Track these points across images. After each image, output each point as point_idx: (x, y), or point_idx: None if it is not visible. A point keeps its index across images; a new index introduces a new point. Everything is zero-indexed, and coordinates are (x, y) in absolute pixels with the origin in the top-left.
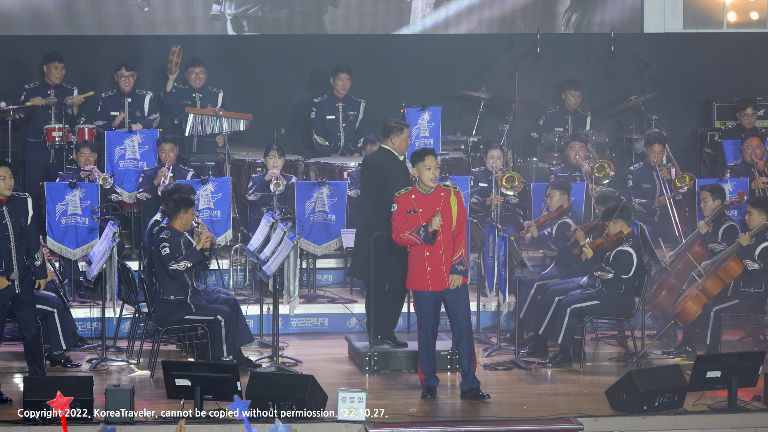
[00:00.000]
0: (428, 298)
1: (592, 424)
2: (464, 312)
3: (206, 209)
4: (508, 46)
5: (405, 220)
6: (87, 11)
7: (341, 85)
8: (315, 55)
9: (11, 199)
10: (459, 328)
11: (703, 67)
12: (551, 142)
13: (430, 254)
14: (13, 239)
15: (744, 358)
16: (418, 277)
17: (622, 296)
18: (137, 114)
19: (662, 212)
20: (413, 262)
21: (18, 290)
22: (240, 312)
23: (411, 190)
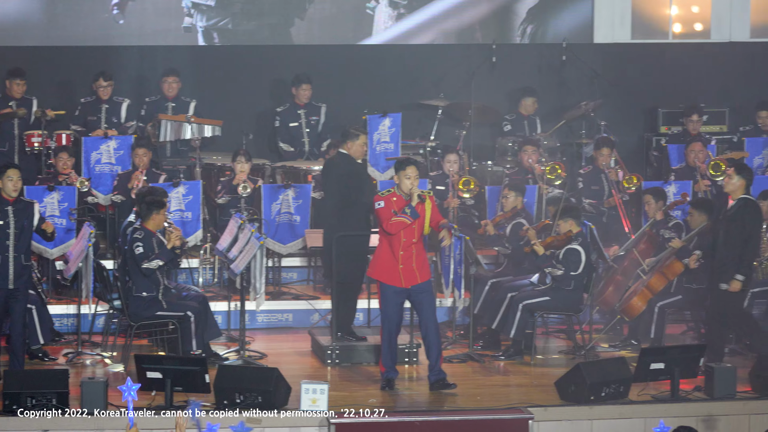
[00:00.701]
0: (396, 293)
1: (542, 413)
2: (430, 307)
3: (177, 211)
4: (465, 56)
5: (391, 212)
6: (64, 23)
7: (303, 95)
8: (282, 65)
9: (18, 201)
10: (426, 322)
11: (650, 76)
12: (505, 146)
13: (404, 253)
14: (12, 238)
15: (686, 351)
16: (388, 271)
17: (571, 292)
18: (113, 120)
19: (610, 213)
20: (384, 257)
21: (12, 286)
22: (209, 308)
23: (392, 193)
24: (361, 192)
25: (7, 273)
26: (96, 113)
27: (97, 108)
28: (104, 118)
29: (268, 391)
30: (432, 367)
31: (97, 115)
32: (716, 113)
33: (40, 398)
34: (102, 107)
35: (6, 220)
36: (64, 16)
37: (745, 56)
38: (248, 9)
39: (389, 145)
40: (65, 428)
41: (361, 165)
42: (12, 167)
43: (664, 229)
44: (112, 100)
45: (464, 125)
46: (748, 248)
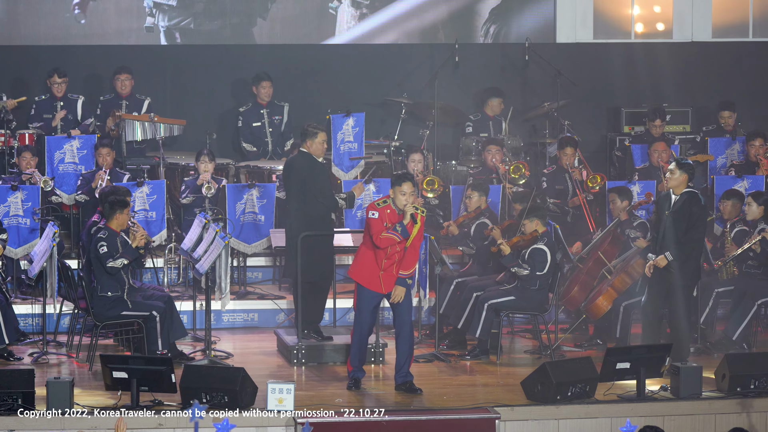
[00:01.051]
0: (373, 297)
1: (509, 413)
2: (407, 310)
3: (142, 210)
4: (428, 56)
5: (383, 226)
6: (26, 21)
7: (264, 93)
8: (245, 64)
9: None
10: (401, 324)
11: (613, 75)
12: (469, 146)
13: (387, 261)
14: None
15: (651, 351)
16: (369, 276)
17: (536, 292)
18: (69, 117)
19: (575, 212)
20: (366, 261)
21: None
22: (174, 308)
23: (388, 205)
24: (322, 191)
25: None
26: (51, 111)
27: (52, 105)
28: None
29: (234, 390)
30: (400, 368)
31: (52, 113)
32: (679, 113)
33: (6, 398)
34: (57, 105)
35: None
36: (26, 15)
37: (707, 56)
38: (210, 9)
39: (353, 144)
40: (31, 428)
41: (322, 164)
42: None
43: (629, 229)
44: (66, 98)
45: (428, 125)
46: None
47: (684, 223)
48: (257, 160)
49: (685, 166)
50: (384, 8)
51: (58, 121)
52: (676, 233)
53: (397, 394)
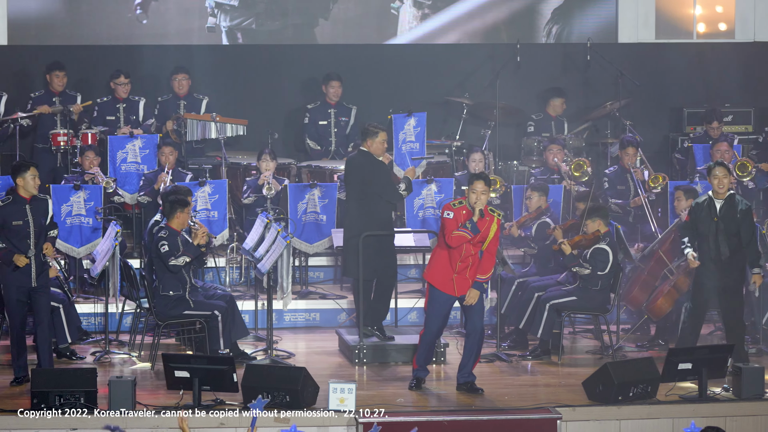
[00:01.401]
0: (446, 300)
1: (570, 413)
2: (479, 314)
3: (204, 210)
4: (490, 56)
5: (457, 225)
6: (88, 21)
7: (333, 92)
8: (306, 64)
9: (34, 198)
10: (473, 328)
11: (674, 76)
12: (531, 146)
13: (462, 264)
14: (33, 237)
15: (714, 351)
16: (442, 278)
17: (598, 292)
18: (132, 118)
19: (636, 213)
20: (441, 262)
21: (35, 284)
22: (236, 307)
23: (464, 206)
24: (384, 186)
25: (29, 271)
26: (114, 113)
27: (115, 107)
28: (123, 117)
29: (295, 390)
30: (463, 368)
31: (115, 115)
32: (741, 113)
33: (68, 397)
34: (119, 106)
35: (25, 219)
36: (88, 15)
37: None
38: (272, 9)
39: (414, 144)
40: (93, 427)
41: (382, 162)
42: (34, 165)
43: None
44: (129, 99)
45: (489, 125)
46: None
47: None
48: (319, 160)
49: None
50: (446, 8)
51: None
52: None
53: (459, 394)
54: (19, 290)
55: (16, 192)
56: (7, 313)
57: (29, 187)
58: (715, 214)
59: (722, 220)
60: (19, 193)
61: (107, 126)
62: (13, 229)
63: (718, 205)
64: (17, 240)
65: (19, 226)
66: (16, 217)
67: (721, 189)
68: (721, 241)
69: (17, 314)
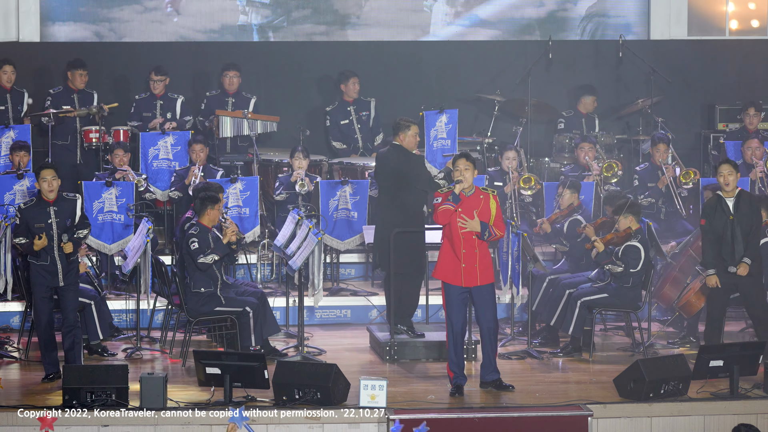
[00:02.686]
0: (458, 293)
1: (601, 410)
2: (491, 306)
3: (235, 207)
4: (521, 53)
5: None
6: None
7: (351, 89)
8: (339, 62)
9: (59, 199)
10: (486, 323)
11: (707, 72)
12: (562, 143)
13: (466, 251)
14: (56, 238)
15: (745, 348)
16: (451, 271)
17: (629, 289)
18: (168, 116)
19: (668, 210)
20: (446, 256)
21: (62, 283)
22: (267, 304)
23: (451, 190)
24: (419, 177)
25: (56, 271)
26: (151, 109)
27: (152, 104)
28: (159, 114)
29: (326, 387)
30: (486, 366)
31: (152, 111)
32: None
33: (100, 393)
34: (157, 103)
35: (48, 221)
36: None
37: None
38: (303, 6)
39: (446, 141)
40: (124, 424)
41: (417, 156)
42: (46, 168)
43: None
44: (166, 96)
45: (521, 122)
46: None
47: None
48: (349, 157)
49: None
50: (478, 6)
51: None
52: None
53: (489, 391)
54: (47, 289)
55: (41, 194)
56: (34, 310)
57: (44, 189)
58: (729, 213)
59: (736, 217)
60: (42, 196)
61: (142, 123)
62: (36, 231)
63: (730, 202)
64: None
65: (41, 228)
66: (38, 219)
67: (727, 187)
68: (736, 237)
69: (44, 312)
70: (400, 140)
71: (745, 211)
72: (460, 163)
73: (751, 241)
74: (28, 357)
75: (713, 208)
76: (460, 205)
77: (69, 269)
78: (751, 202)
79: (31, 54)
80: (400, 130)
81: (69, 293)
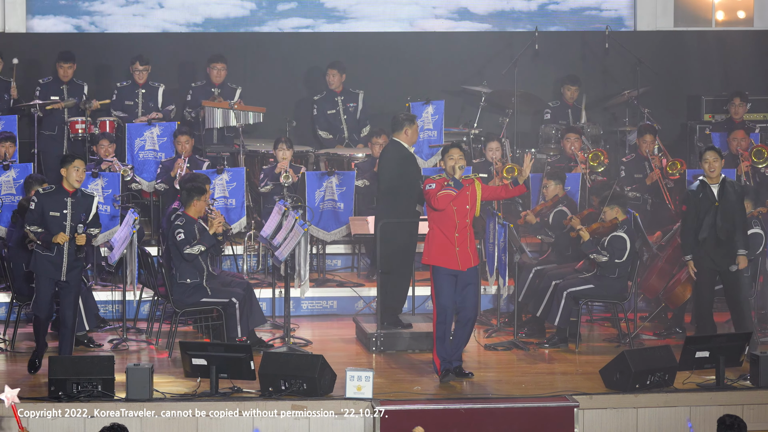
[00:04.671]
0: (451, 276)
1: (587, 401)
2: (476, 296)
3: (221, 198)
4: (508, 43)
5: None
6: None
7: (330, 80)
8: (325, 52)
9: (78, 192)
10: (467, 314)
11: (693, 63)
12: (548, 134)
13: (459, 235)
14: (69, 231)
15: (731, 339)
16: (445, 254)
17: (615, 280)
18: (150, 105)
19: (654, 201)
20: (438, 241)
21: (64, 278)
22: (253, 295)
23: (443, 178)
24: (412, 179)
25: (60, 264)
26: (133, 98)
27: (134, 92)
28: (141, 102)
29: (313, 378)
30: (454, 353)
31: (134, 100)
32: (760, 101)
33: (86, 384)
34: (139, 92)
35: (63, 211)
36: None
37: None
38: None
39: (432, 132)
40: (111, 415)
41: (413, 158)
42: (80, 158)
43: None
44: (148, 85)
45: (507, 113)
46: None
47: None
48: (335, 148)
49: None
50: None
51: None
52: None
53: (475, 382)
54: (49, 281)
55: (61, 183)
56: (35, 301)
57: (71, 179)
58: (714, 199)
59: (722, 204)
60: (63, 185)
61: (126, 112)
62: (50, 219)
63: (715, 189)
64: (54, 231)
65: (56, 217)
66: (54, 207)
67: (712, 173)
68: (719, 223)
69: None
70: (403, 136)
71: (731, 199)
72: (454, 152)
73: (742, 232)
74: (14, 348)
75: (696, 194)
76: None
77: (74, 266)
78: (735, 190)
79: (16, 45)
80: (399, 126)
81: (70, 289)
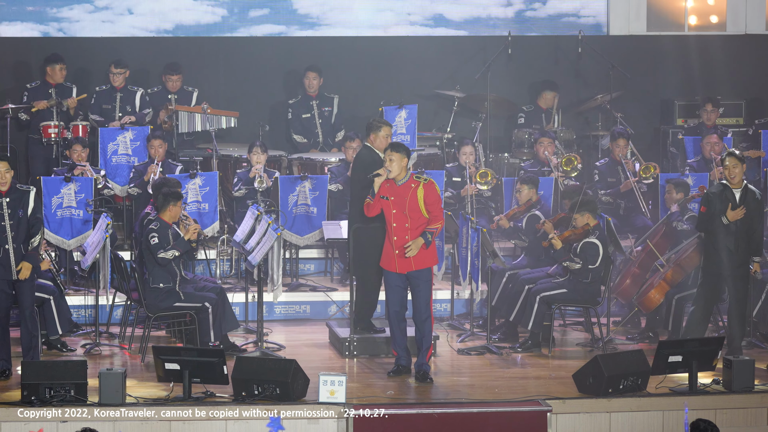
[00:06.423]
0: (393, 278)
1: (560, 405)
2: (424, 296)
3: (194, 202)
4: (481, 48)
5: (378, 201)
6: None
7: (308, 84)
8: (298, 56)
9: (12, 191)
10: (419, 314)
11: (666, 68)
12: (522, 138)
13: (397, 239)
14: (9, 230)
15: (704, 344)
16: (387, 257)
17: (588, 285)
18: (128, 109)
19: (627, 204)
20: (386, 244)
21: (14, 277)
22: (226, 299)
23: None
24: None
25: (8, 264)
26: (111, 102)
27: (112, 96)
28: (119, 106)
29: (286, 382)
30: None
31: (111, 104)
32: (732, 106)
33: (59, 389)
34: (116, 96)
35: (0, 212)
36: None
37: (760, 49)
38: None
39: (405, 136)
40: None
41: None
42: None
43: (677, 221)
44: (126, 89)
45: (480, 117)
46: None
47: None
48: (309, 152)
49: (742, 158)
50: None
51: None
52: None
53: (449, 386)
54: (1, 281)
55: None
56: None
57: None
58: (736, 204)
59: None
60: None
61: (103, 115)
62: None
63: (738, 194)
64: None
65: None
66: None
67: (733, 179)
68: (739, 230)
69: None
70: (370, 141)
71: (752, 206)
72: (389, 154)
73: (759, 239)
74: None
75: (718, 197)
76: (393, 194)
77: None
78: (756, 198)
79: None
80: (372, 131)
81: (25, 288)
